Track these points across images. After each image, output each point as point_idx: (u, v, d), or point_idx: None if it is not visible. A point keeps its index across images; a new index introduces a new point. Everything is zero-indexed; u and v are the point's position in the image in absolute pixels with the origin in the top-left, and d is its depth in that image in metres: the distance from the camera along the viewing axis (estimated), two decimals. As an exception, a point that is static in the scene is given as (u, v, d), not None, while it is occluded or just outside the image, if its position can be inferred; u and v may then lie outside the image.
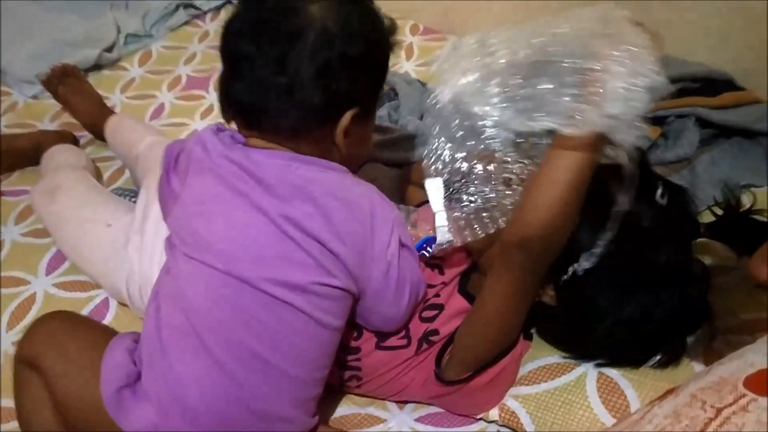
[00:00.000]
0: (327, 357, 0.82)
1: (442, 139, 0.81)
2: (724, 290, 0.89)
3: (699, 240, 0.89)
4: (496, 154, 0.79)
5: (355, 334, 0.88)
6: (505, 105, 0.74)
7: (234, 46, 0.78)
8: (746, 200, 0.95)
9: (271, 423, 0.79)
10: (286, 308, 0.75)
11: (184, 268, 0.79)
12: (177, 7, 2.01)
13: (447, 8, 1.74)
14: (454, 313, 0.88)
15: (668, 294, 0.80)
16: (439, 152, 0.82)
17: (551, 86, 0.71)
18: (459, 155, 0.81)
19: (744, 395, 0.43)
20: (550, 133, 0.73)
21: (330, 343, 0.81)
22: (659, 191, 0.82)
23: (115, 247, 1.07)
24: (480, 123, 0.76)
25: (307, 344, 0.78)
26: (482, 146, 0.79)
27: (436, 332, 0.87)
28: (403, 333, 0.87)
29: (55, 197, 1.21)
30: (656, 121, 1.20)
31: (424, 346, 0.87)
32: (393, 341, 0.87)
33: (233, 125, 0.83)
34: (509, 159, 0.79)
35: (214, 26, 1.97)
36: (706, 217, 0.94)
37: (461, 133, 0.79)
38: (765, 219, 0.87)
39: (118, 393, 0.78)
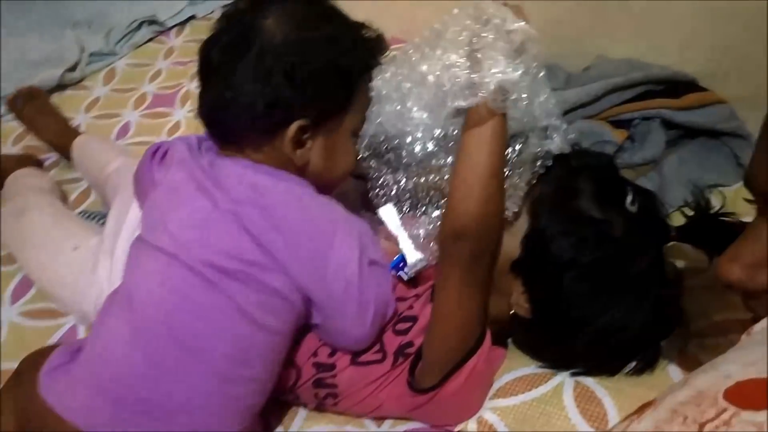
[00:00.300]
0: (262, 359, 0.80)
1: (380, 167, 0.86)
2: (696, 292, 0.89)
3: (669, 243, 0.89)
4: (433, 162, 0.83)
5: (329, 351, 0.87)
6: (416, 113, 0.81)
7: (200, 60, 0.84)
8: (715, 200, 0.95)
9: (183, 413, 0.76)
10: (216, 291, 0.76)
11: (139, 253, 0.83)
12: (140, 24, 1.99)
13: (412, 17, 1.73)
14: (428, 324, 0.87)
15: (645, 301, 0.80)
16: (380, 181, 0.86)
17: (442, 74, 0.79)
18: (400, 177, 0.85)
19: (725, 409, 0.42)
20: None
21: (266, 346, 0.79)
22: (629, 198, 0.83)
23: (83, 270, 1.05)
24: (407, 140, 0.82)
25: (233, 335, 0.77)
26: (413, 160, 0.83)
27: (411, 344, 0.86)
28: (377, 347, 0.86)
29: (20, 221, 1.19)
30: (622, 124, 1.21)
31: (400, 359, 0.86)
32: (368, 356, 0.86)
33: None
34: (443, 161, 0.83)
35: (178, 42, 1.95)
36: (676, 219, 0.95)
37: (391, 155, 0.84)
38: (734, 220, 0.87)
39: (49, 374, 0.79)
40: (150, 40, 1.99)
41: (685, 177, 1.16)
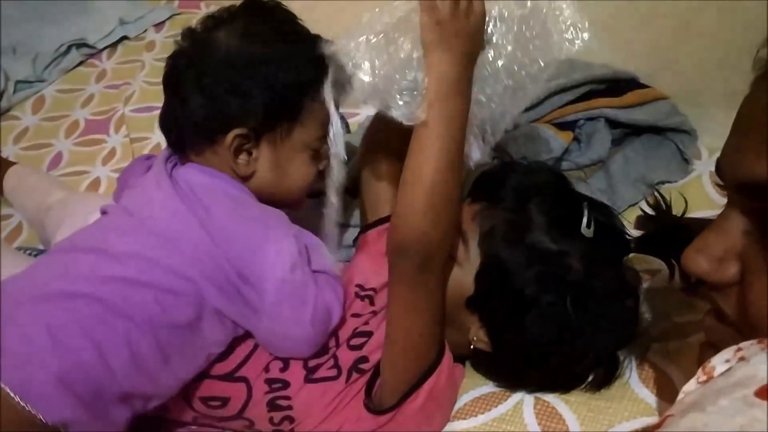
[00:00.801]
0: (140, 322, 0.75)
1: None
2: (655, 293, 0.86)
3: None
4: None
5: (281, 366, 0.84)
6: None
7: (164, 73, 0.89)
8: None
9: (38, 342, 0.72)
10: (132, 232, 0.81)
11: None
12: (69, 48, 1.90)
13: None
14: (383, 340, 0.85)
15: (609, 319, 0.78)
16: None
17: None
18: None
19: None
20: None
21: (150, 314, 0.75)
22: (584, 221, 0.79)
23: None
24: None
25: (130, 269, 0.77)
26: None
27: (365, 359, 0.84)
28: (332, 363, 0.84)
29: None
30: (567, 125, 1.20)
31: (354, 375, 0.83)
32: (322, 372, 0.84)
33: None
34: None
35: (110, 65, 1.88)
36: (628, 216, 0.93)
37: None
38: (694, 224, 0.84)
39: None
40: (80, 63, 1.91)
41: (633, 175, 1.16)
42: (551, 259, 0.77)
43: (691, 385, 0.44)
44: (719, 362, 0.44)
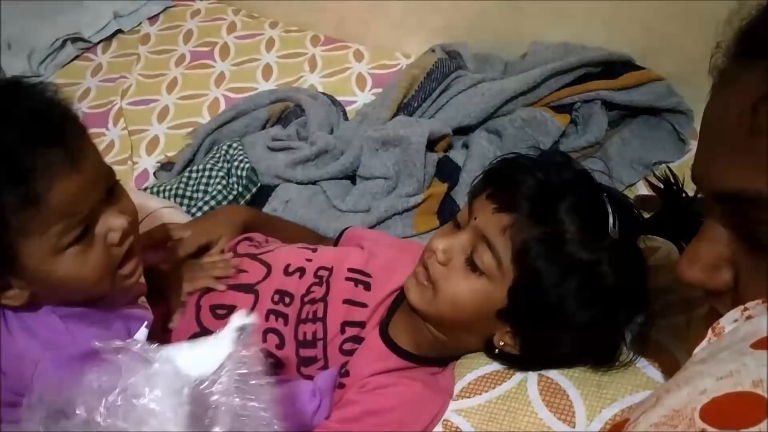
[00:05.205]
0: None
1: None
2: (656, 269, 0.86)
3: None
4: None
5: (277, 341, 0.87)
6: None
7: None
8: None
9: None
10: None
11: None
12: (64, 43, 1.89)
13: (342, 16, 1.71)
14: (367, 360, 0.86)
15: (630, 306, 0.80)
16: None
17: None
18: None
19: (703, 431, 0.37)
20: None
21: None
22: (611, 221, 0.78)
23: None
24: None
25: None
26: None
27: (347, 373, 0.85)
28: (321, 363, 0.87)
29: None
30: (563, 108, 1.21)
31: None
32: (312, 370, 0.87)
33: None
34: None
35: (106, 58, 1.88)
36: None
37: None
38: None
39: None
40: (76, 58, 1.90)
41: (630, 157, 1.17)
42: (586, 270, 0.76)
43: (701, 346, 0.46)
44: (728, 322, 0.46)
